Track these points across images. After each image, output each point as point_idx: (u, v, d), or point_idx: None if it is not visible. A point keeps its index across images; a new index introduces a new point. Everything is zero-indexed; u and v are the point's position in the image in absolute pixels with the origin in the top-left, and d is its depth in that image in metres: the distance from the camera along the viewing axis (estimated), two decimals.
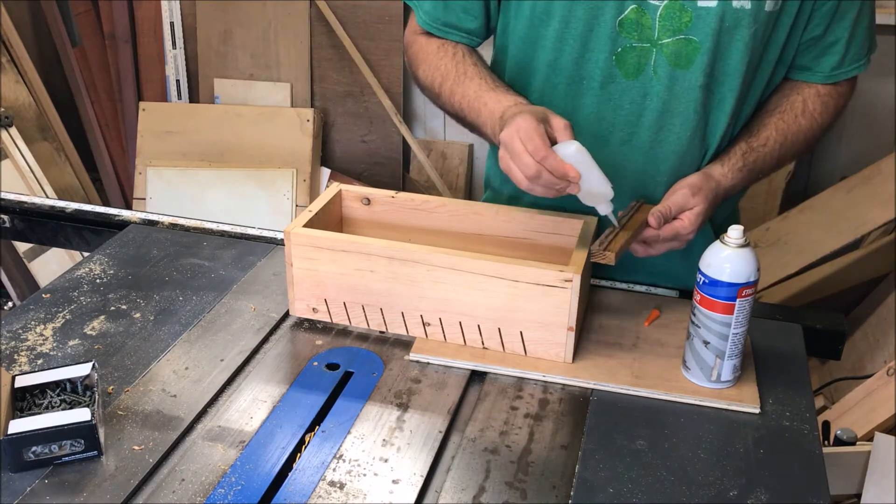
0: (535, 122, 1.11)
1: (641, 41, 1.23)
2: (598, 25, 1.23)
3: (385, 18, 3.19)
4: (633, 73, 1.25)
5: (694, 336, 1.13)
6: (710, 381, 1.13)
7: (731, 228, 1.07)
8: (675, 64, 1.23)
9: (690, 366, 1.15)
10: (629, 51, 1.24)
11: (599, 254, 1.15)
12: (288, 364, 1.21)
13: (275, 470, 1.01)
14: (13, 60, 3.19)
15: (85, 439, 1.00)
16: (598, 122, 1.30)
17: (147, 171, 3.27)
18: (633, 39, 1.23)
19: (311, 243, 1.23)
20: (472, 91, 1.28)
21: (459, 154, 3.39)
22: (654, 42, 1.23)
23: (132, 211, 1.65)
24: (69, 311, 1.30)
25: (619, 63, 1.25)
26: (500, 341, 1.21)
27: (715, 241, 1.09)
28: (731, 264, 1.06)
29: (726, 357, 1.11)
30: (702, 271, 1.09)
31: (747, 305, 1.08)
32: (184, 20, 3.41)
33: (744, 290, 1.07)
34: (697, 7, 1.19)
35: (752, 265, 1.07)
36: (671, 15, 1.21)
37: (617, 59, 1.25)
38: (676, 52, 1.22)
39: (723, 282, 1.07)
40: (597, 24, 1.23)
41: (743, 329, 1.10)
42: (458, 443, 1.07)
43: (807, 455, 1.06)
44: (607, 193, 1.15)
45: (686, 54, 1.22)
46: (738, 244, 1.07)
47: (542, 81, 1.32)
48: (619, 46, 1.24)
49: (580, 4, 1.23)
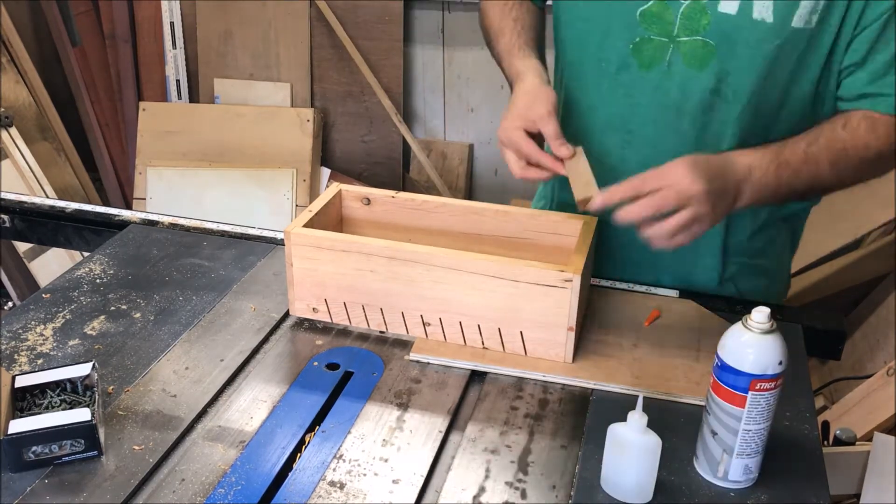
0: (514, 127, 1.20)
1: (660, 35, 1.23)
2: (620, 12, 1.24)
3: (385, 18, 3.19)
4: (648, 64, 1.25)
5: (704, 423, 1.01)
6: (716, 478, 1.00)
7: (755, 310, 0.94)
8: (689, 63, 1.23)
9: (699, 454, 1.03)
10: (647, 42, 1.24)
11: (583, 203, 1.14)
12: (288, 364, 1.21)
13: (275, 470, 1.01)
14: (13, 60, 3.19)
15: (85, 439, 1.00)
16: (608, 107, 1.31)
17: (147, 171, 3.27)
18: (652, 32, 1.23)
19: (312, 243, 1.23)
20: (500, 47, 1.38)
21: (459, 154, 3.39)
22: (672, 38, 1.23)
23: (132, 211, 1.65)
24: (69, 311, 1.30)
25: (635, 52, 1.25)
26: (501, 341, 1.21)
27: (737, 323, 0.97)
28: (748, 351, 0.93)
29: (734, 454, 0.98)
30: (717, 352, 0.97)
31: (763, 402, 0.95)
32: (184, 20, 3.41)
33: (758, 384, 0.94)
34: (717, 12, 1.19)
35: (772, 356, 0.93)
36: (692, 15, 1.20)
37: (634, 48, 1.25)
38: (692, 51, 1.22)
39: (734, 369, 0.94)
40: (619, 10, 1.24)
41: (759, 427, 0.97)
42: (458, 443, 1.07)
43: (807, 455, 1.06)
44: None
45: (700, 55, 1.22)
46: (762, 330, 0.93)
47: (573, 56, 1.35)
48: (637, 36, 1.24)
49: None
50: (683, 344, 1.24)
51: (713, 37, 1.20)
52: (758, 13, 1.17)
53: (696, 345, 1.24)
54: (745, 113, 1.24)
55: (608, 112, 1.31)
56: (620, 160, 1.31)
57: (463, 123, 3.40)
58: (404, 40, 3.24)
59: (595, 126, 1.33)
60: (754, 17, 1.17)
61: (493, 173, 3.44)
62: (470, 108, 3.36)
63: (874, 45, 1.18)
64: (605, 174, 1.20)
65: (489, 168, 3.44)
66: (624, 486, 0.97)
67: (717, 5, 1.19)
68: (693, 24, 1.20)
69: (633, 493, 0.97)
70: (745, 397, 0.95)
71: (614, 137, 1.31)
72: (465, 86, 3.33)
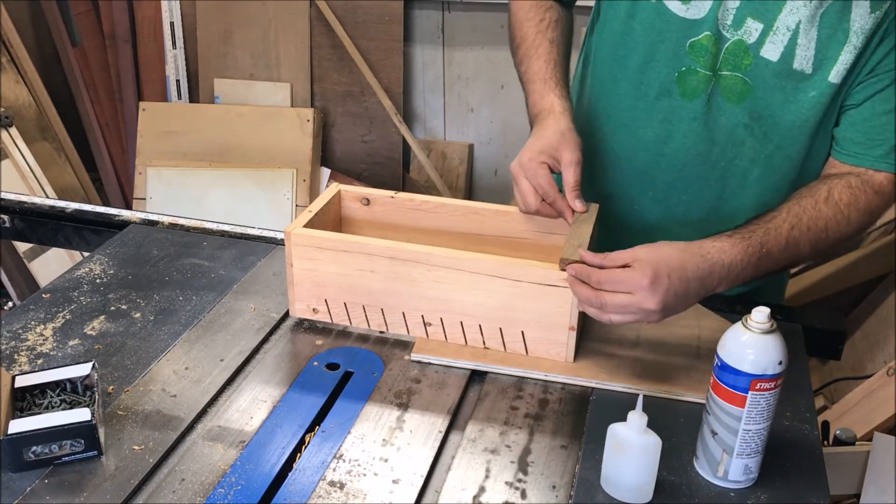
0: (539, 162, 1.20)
1: (705, 68, 1.24)
2: (670, 41, 1.25)
3: (385, 18, 3.19)
4: (690, 94, 1.26)
5: (704, 422, 1.01)
6: (716, 477, 1.01)
7: (755, 310, 0.95)
8: (727, 97, 1.24)
9: (699, 454, 1.03)
10: (692, 73, 1.25)
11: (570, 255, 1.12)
12: (288, 364, 1.21)
13: (275, 470, 1.01)
14: (13, 60, 3.19)
15: (85, 439, 1.00)
16: (642, 129, 1.32)
17: (147, 171, 3.27)
18: (698, 64, 1.24)
19: (312, 244, 1.23)
20: (532, 70, 1.34)
21: (459, 154, 3.39)
22: (716, 71, 1.24)
23: (132, 211, 1.65)
24: (69, 311, 1.30)
25: (679, 81, 1.26)
26: (502, 341, 1.21)
27: (737, 322, 0.97)
28: (748, 351, 0.94)
29: (734, 454, 0.98)
30: (717, 352, 0.98)
31: (763, 402, 0.95)
32: (184, 20, 3.41)
33: (758, 383, 0.94)
34: (759, 56, 1.20)
35: (772, 356, 0.94)
36: (736, 52, 1.22)
37: (679, 77, 1.26)
38: (732, 86, 1.24)
39: (734, 369, 0.95)
40: (669, 39, 1.25)
41: (759, 427, 0.97)
42: (458, 442, 1.07)
43: (807, 455, 1.06)
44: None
45: (739, 91, 1.23)
46: (761, 330, 0.94)
47: (608, 73, 1.34)
48: (683, 66, 1.25)
49: (658, 12, 1.24)
50: (683, 342, 1.24)
51: (753, 78, 1.22)
52: (798, 64, 1.18)
53: (695, 343, 1.24)
54: (774, 156, 1.26)
55: (643, 133, 1.33)
56: (651, 179, 1.35)
57: (463, 123, 3.40)
58: (404, 40, 3.24)
59: (627, 144, 1.35)
60: (794, 67, 1.19)
61: (493, 173, 3.44)
62: (470, 108, 3.36)
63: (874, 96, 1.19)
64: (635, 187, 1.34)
65: (489, 168, 3.44)
66: (624, 486, 0.97)
67: (759, 48, 1.20)
68: (736, 60, 1.22)
69: (632, 493, 0.97)
70: (745, 397, 0.95)
71: (645, 156, 1.34)
72: (465, 86, 3.33)
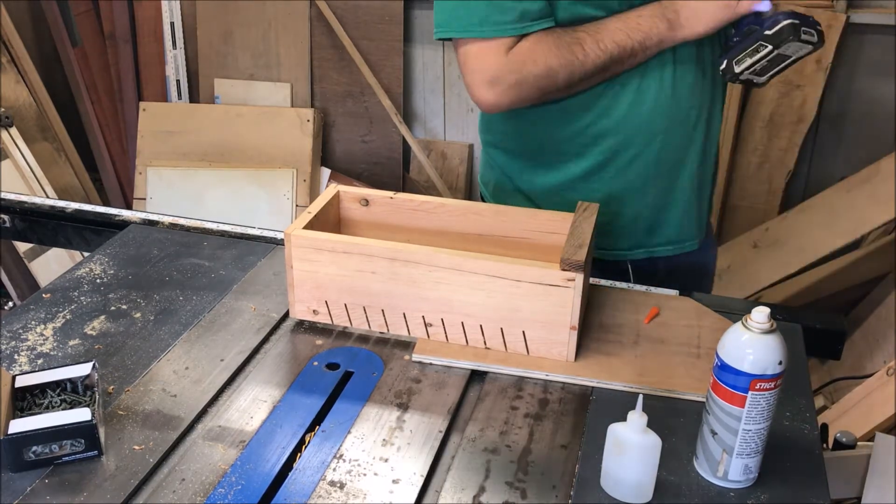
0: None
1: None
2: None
3: (385, 18, 3.19)
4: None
5: (704, 422, 1.01)
6: (716, 477, 1.00)
7: (755, 310, 0.95)
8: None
9: (698, 454, 1.03)
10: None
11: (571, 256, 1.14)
12: (288, 364, 1.21)
13: (275, 470, 1.01)
14: (13, 60, 3.19)
15: (85, 439, 1.00)
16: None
17: (147, 171, 3.27)
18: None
19: (312, 245, 1.23)
20: (618, 23, 1.32)
21: (459, 154, 3.39)
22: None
23: (132, 211, 1.65)
24: (69, 310, 1.30)
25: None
26: (503, 341, 1.21)
27: (737, 322, 0.97)
28: (747, 351, 0.94)
29: (734, 454, 0.98)
30: (717, 352, 0.98)
31: (763, 402, 0.95)
32: (184, 20, 3.41)
33: (758, 383, 0.94)
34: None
35: (772, 356, 0.94)
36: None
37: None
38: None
39: (734, 369, 0.95)
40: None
41: (759, 427, 0.97)
42: (458, 443, 1.07)
43: (806, 455, 1.06)
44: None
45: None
46: (762, 330, 0.94)
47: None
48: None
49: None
50: (683, 341, 1.24)
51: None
52: None
53: (696, 341, 1.24)
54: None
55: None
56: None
57: (463, 123, 3.40)
58: (404, 40, 3.24)
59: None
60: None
61: None
62: (470, 108, 3.36)
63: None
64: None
65: None
66: (624, 485, 0.97)
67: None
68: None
69: (632, 493, 0.97)
70: (745, 397, 0.95)
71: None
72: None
